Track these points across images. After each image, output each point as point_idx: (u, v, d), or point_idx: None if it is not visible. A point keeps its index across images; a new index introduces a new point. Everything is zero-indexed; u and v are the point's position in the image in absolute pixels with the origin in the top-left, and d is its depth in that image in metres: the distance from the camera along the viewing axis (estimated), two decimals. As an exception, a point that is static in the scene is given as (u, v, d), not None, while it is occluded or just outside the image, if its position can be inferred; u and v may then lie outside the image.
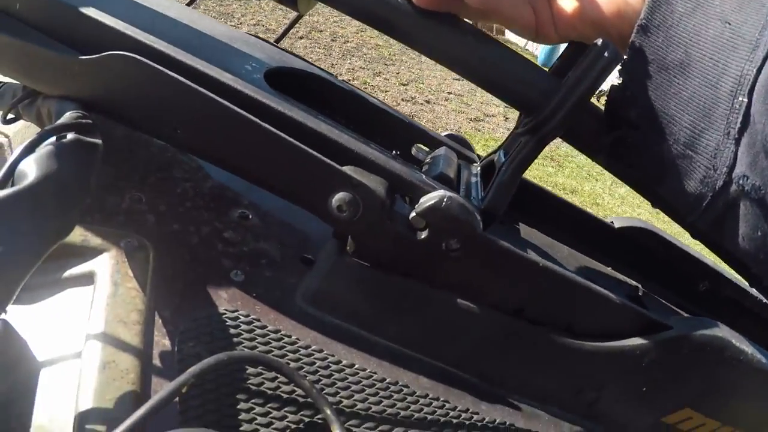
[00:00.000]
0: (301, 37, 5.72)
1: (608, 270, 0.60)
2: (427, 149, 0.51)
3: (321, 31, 6.10)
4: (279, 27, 5.36)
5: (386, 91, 5.50)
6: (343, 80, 0.57)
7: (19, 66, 0.43)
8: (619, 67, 0.41)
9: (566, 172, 5.12)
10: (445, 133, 0.57)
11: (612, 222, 0.61)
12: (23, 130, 0.58)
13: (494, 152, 0.50)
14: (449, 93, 5.94)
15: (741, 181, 0.38)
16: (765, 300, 0.59)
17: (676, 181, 0.42)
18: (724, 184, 0.39)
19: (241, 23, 5.44)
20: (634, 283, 0.59)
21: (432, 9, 0.41)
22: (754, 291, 0.60)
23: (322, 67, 0.49)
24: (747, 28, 0.38)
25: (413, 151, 0.51)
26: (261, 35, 0.65)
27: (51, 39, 0.41)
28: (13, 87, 0.48)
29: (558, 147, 5.26)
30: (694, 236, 0.46)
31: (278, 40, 0.65)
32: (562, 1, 0.43)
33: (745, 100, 0.37)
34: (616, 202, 4.95)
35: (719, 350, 0.45)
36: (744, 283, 0.58)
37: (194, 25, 0.52)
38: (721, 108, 0.38)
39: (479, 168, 0.51)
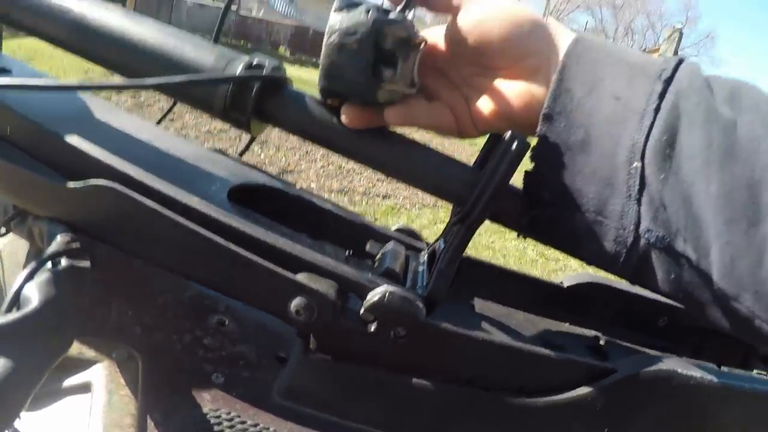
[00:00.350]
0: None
1: (565, 326, 0.64)
2: (380, 244, 0.57)
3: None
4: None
5: (361, 174, 5.64)
6: (300, 188, 0.64)
7: (10, 188, 0.50)
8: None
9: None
10: (396, 226, 0.63)
11: (562, 282, 0.65)
12: (13, 241, 0.65)
13: (436, 241, 0.56)
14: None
15: (647, 235, 0.43)
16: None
17: (592, 244, 0.46)
18: (633, 239, 0.44)
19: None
20: (593, 333, 0.62)
21: (361, 128, 0.48)
22: None
23: (297, 151, 0.55)
24: (635, 101, 0.44)
25: (367, 247, 0.57)
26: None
27: (40, 163, 0.48)
28: (2, 203, 0.55)
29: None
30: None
31: (242, 154, 0.72)
32: (478, 102, 0.49)
33: (639, 164, 0.42)
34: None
35: (666, 381, 0.48)
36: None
37: (165, 147, 0.59)
38: (620, 175, 0.43)
39: (426, 256, 0.56)
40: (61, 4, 0.52)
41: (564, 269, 4.63)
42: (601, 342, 0.59)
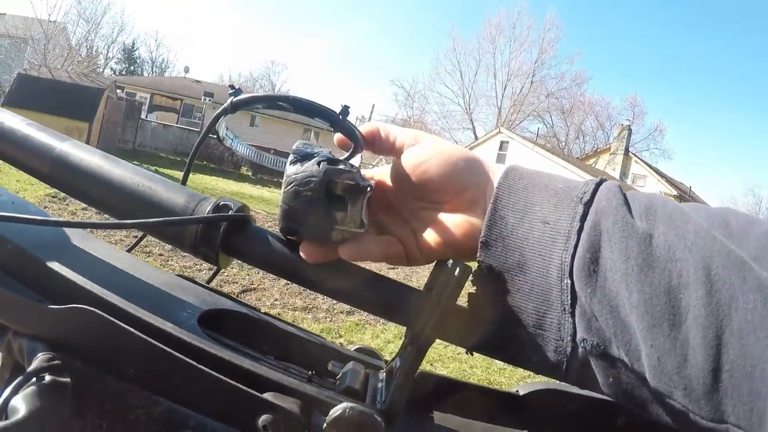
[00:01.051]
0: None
1: None
2: (341, 364, 0.61)
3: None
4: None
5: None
6: (265, 312, 0.68)
7: None
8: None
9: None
10: (355, 347, 0.67)
11: (518, 390, 0.68)
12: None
13: (394, 359, 0.60)
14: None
15: (583, 344, 0.46)
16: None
17: (537, 356, 0.49)
18: (572, 349, 0.47)
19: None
20: None
21: (319, 262, 0.53)
22: None
23: (260, 270, 0.59)
24: (561, 224, 0.48)
25: (329, 366, 0.60)
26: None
27: (23, 285, 0.52)
28: None
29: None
30: None
31: (209, 282, 0.77)
32: (424, 233, 0.54)
33: (569, 281, 0.46)
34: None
35: None
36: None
37: (139, 275, 0.63)
38: (554, 292, 0.47)
39: (384, 374, 0.60)
40: (45, 142, 0.58)
41: (531, 376, 4.63)
42: None
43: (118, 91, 21.55)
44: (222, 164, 20.93)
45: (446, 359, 4.66)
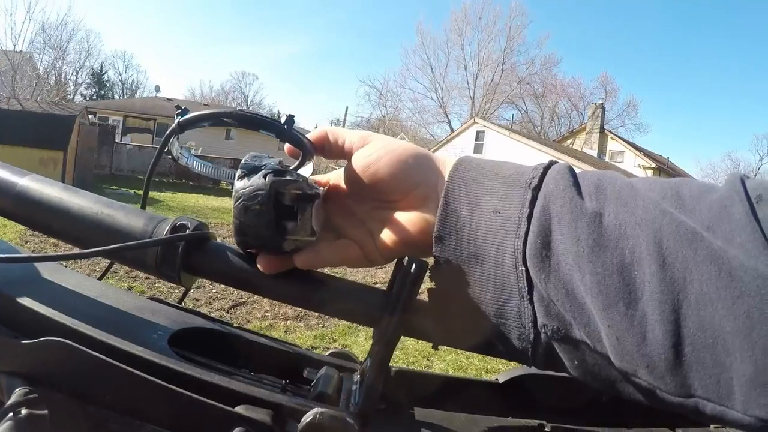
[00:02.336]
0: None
1: (508, 420, 0.66)
2: (316, 370, 0.62)
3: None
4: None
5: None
6: (239, 326, 0.69)
7: None
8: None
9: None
10: (329, 351, 0.67)
11: (497, 379, 0.68)
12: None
13: (365, 360, 0.61)
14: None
15: (544, 330, 0.46)
16: None
17: (503, 344, 0.50)
18: (535, 335, 0.47)
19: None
20: (537, 422, 0.65)
21: (276, 272, 0.53)
22: None
23: None
24: (512, 212, 0.48)
25: (305, 373, 0.61)
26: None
27: None
28: None
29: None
30: None
31: (180, 301, 0.77)
32: (381, 233, 0.55)
33: (523, 268, 0.46)
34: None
35: None
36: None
37: (109, 301, 0.64)
38: (511, 280, 0.47)
39: (358, 376, 0.61)
40: (7, 179, 0.59)
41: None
42: (547, 429, 0.62)
43: (90, 116, 21.34)
44: (201, 181, 20.83)
45: (443, 352, 4.68)
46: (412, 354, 4.63)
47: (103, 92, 54.10)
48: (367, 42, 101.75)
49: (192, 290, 5.51)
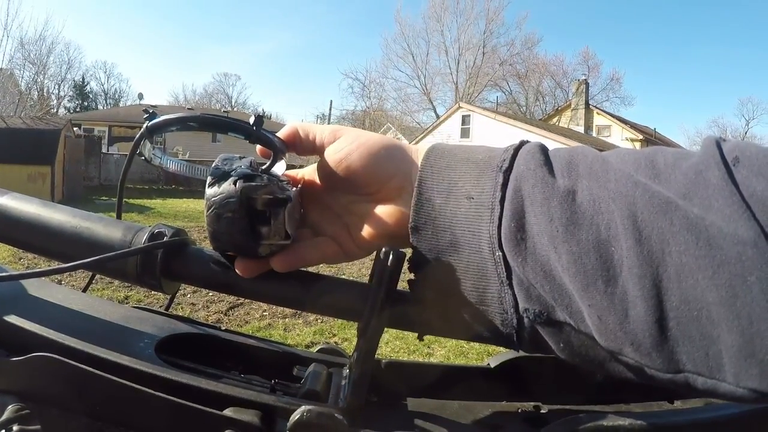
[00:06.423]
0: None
1: (502, 404, 0.65)
2: (305, 367, 0.62)
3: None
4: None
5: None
6: (226, 329, 0.69)
7: None
8: None
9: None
10: (318, 347, 0.68)
11: (489, 363, 0.68)
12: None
13: (352, 355, 0.61)
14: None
15: (526, 314, 0.45)
16: None
17: (488, 331, 0.49)
18: (518, 320, 0.46)
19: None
20: (532, 405, 0.64)
21: (254, 275, 0.53)
22: None
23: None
24: (484, 197, 0.47)
25: (294, 372, 0.61)
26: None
27: None
28: None
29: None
30: None
31: (167, 308, 0.77)
32: (358, 227, 0.55)
33: (500, 253, 0.46)
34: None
35: None
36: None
37: (95, 313, 0.64)
38: (489, 265, 0.46)
39: (347, 370, 0.61)
40: None
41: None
42: (543, 411, 0.62)
43: (75, 129, 21.24)
44: (190, 185, 20.78)
45: (443, 338, 4.68)
46: (412, 342, 4.64)
47: (86, 104, 53.85)
48: (346, 34, 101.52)
49: (189, 295, 5.53)
